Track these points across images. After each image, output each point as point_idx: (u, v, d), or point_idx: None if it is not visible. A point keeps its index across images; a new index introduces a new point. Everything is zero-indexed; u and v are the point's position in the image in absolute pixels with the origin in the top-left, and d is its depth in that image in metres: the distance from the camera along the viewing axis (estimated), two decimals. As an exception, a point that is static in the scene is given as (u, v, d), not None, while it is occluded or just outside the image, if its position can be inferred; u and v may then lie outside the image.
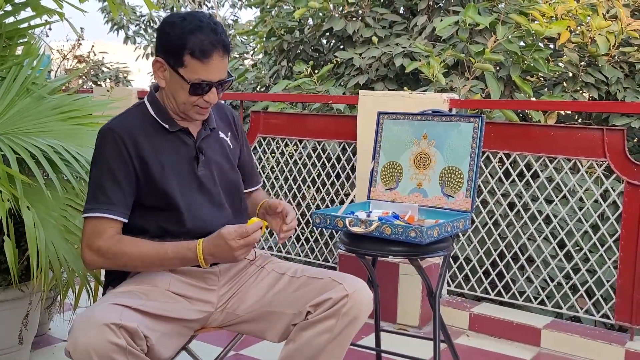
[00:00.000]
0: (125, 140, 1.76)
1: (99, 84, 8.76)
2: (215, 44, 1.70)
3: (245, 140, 2.07)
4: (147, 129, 1.80)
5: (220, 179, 1.89)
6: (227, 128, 1.99)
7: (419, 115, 2.47)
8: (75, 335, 1.50)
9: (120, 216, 1.74)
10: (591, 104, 3.85)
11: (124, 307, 1.59)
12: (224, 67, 1.75)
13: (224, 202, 1.88)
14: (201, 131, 1.88)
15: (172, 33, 1.72)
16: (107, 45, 10.85)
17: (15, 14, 2.70)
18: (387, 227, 2.11)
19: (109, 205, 1.73)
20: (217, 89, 1.77)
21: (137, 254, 1.69)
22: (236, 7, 12.09)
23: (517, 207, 3.24)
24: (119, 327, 1.50)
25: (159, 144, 1.80)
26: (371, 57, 4.74)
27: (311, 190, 3.94)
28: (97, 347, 1.48)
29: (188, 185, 1.82)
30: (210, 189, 1.85)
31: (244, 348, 2.84)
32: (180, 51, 1.70)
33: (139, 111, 1.85)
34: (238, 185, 1.96)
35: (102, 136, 1.78)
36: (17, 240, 2.28)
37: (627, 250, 2.82)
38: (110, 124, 1.80)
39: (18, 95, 2.58)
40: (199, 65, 1.71)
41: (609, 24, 4.20)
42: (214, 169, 1.88)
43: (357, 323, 1.73)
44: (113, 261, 1.72)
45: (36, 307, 2.47)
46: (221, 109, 2.02)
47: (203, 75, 1.72)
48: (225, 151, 1.94)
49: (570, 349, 2.90)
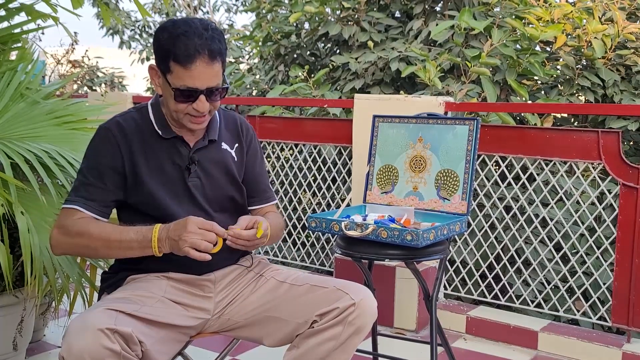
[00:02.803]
0: (119, 141, 1.76)
1: (94, 89, 8.75)
2: (199, 49, 1.65)
3: (255, 154, 1.98)
4: (143, 132, 1.80)
5: (213, 192, 1.85)
6: (235, 140, 1.93)
7: (414, 118, 2.47)
8: (69, 340, 1.49)
9: (95, 213, 1.74)
10: (586, 107, 3.86)
11: (118, 312, 1.58)
12: (212, 74, 1.69)
13: (214, 215, 1.84)
14: (199, 141, 1.84)
15: (162, 38, 1.69)
16: (102, 50, 10.86)
17: (9, 18, 2.70)
18: (383, 231, 2.10)
19: (87, 200, 1.73)
20: (209, 97, 1.71)
21: (97, 234, 1.68)
22: (231, 11, 12.11)
23: (513, 210, 3.23)
24: (114, 332, 1.49)
25: (153, 149, 1.79)
26: (367, 61, 4.75)
27: (307, 195, 3.94)
28: (91, 352, 1.46)
29: (177, 194, 1.80)
30: (201, 200, 1.83)
31: (240, 353, 2.82)
32: (166, 57, 1.68)
33: (139, 114, 1.83)
34: (235, 199, 1.91)
35: (99, 133, 1.78)
36: (11, 245, 2.27)
37: (624, 253, 2.82)
38: (108, 123, 1.79)
39: (12, 100, 2.58)
40: (182, 71, 1.66)
41: (605, 27, 4.21)
42: (208, 181, 1.84)
43: (363, 332, 1.72)
44: (76, 240, 1.70)
45: (31, 313, 2.46)
46: (231, 119, 1.96)
47: (188, 82, 1.67)
48: (225, 164, 1.88)
49: (567, 352, 2.89)
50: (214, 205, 1.85)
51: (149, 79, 10.07)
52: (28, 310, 2.42)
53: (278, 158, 4.02)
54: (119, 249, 1.69)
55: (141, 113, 1.83)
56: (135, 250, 1.68)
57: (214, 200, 1.86)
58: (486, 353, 2.96)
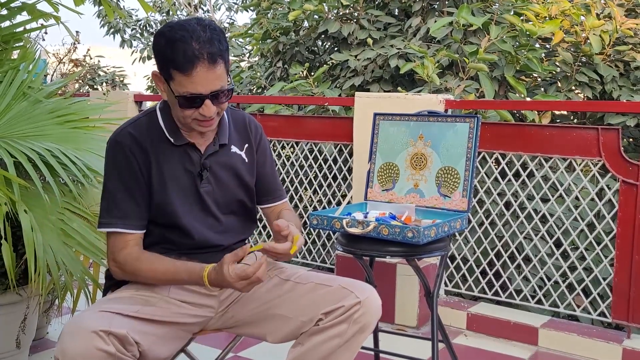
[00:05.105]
0: (134, 151, 1.73)
1: (95, 87, 8.76)
2: (197, 54, 1.60)
3: (264, 152, 1.95)
4: (153, 139, 1.77)
5: (224, 197, 1.85)
6: (244, 140, 1.91)
7: (415, 116, 2.48)
8: (63, 343, 1.49)
9: (137, 229, 1.74)
10: (586, 104, 3.87)
11: (114, 313, 1.58)
12: (214, 77, 1.64)
13: (226, 219, 1.85)
14: (209, 147, 1.81)
15: (160, 45, 1.65)
16: (103, 49, 10.85)
17: (11, 17, 2.71)
18: (384, 228, 2.12)
19: (124, 219, 1.73)
20: (214, 100, 1.67)
21: (151, 275, 1.71)
22: (232, 10, 12.09)
23: (513, 207, 3.25)
24: (108, 334, 1.50)
25: (164, 156, 1.77)
26: (366, 58, 4.76)
27: (308, 192, 3.95)
28: (85, 355, 1.47)
29: (189, 201, 1.79)
30: (213, 206, 1.82)
31: (243, 350, 2.84)
32: (166, 64, 1.64)
33: (148, 119, 1.80)
34: (246, 202, 1.91)
35: (112, 148, 1.76)
36: (15, 244, 2.28)
37: (623, 249, 2.84)
38: (118, 135, 1.76)
39: (14, 99, 2.58)
40: (183, 78, 1.62)
41: (603, 23, 4.22)
42: (219, 186, 1.83)
43: (368, 330, 1.73)
44: (131, 277, 1.75)
45: (34, 311, 2.46)
46: (240, 120, 1.93)
47: (190, 89, 1.63)
48: (236, 167, 1.87)
49: (567, 348, 2.91)
50: (224, 209, 1.85)
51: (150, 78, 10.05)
52: (31, 308, 2.43)
53: (279, 156, 4.03)
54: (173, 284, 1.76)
55: (151, 118, 1.80)
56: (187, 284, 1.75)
57: (224, 204, 1.85)
58: (487, 349, 2.97)
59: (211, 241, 1.82)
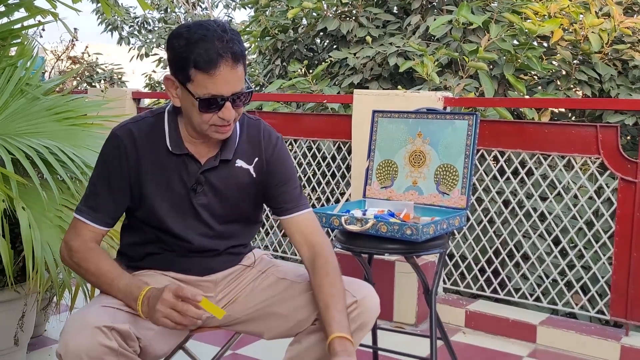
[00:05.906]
0: (128, 150, 1.70)
1: (93, 85, 8.75)
2: (221, 52, 1.53)
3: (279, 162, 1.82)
4: (154, 143, 1.72)
5: (224, 209, 1.78)
6: (255, 154, 1.79)
7: (413, 113, 2.48)
8: (66, 338, 1.49)
9: (102, 225, 1.71)
10: (584, 102, 3.87)
11: (116, 309, 1.58)
12: (236, 78, 1.58)
13: (224, 227, 1.80)
14: (210, 160, 1.73)
15: (178, 45, 1.57)
16: (101, 46, 10.83)
17: (8, 14, 2.70)
18: (383, 225, 2.12)
19: (94, 212, 1.70)
20: (233, 103, 1.60)
21: (93, 270, 1.67)
22: (230, 7, 12.08)
23: (511, 205, 3.25)
24: (111, 330, 1.49)
25: (161, 163, 1.72)
26: (365, 56, 4.76)
27: (306, 190, 3.95)
28: (88, 350, 1.46)
29: (182, 210, 1.75)
30: (208, 218, 1.77)
31: (241, 347, 2.84)
32: (185, 64, 1.56)
33: (154, 121, 1.75)
34: (249, 213, 1.85)
35: (109, 140, 1.73)
36: (13, 241, 2.27)
37: (622, 246, 2.84)
38: (120, 129, 1.73)
39: (12, 96, 2.58)
40: (205, 78, 1.55)
41: (602, 21, 4.23)
42: (218, 199, 1.76)
43: (366, 329, 1.72)
44: (76, 267, 1.71)
45: (32, 308, 2.46)
46: (255, 128, 1.81)
47: (212, 89, 1.56)
48: (239, 181, 1.78)
49: (566, 345, 2.91)
50: (222, 220, 1.79)
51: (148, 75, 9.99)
52: (29, 306, 2.43)
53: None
54: (107, 291, 1.66)
55: (157, 120, 1.75)
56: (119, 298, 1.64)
57: (223, 215, 1.79)
58: (485, 346, 2.98)
59: (206, 246, 1.79)
